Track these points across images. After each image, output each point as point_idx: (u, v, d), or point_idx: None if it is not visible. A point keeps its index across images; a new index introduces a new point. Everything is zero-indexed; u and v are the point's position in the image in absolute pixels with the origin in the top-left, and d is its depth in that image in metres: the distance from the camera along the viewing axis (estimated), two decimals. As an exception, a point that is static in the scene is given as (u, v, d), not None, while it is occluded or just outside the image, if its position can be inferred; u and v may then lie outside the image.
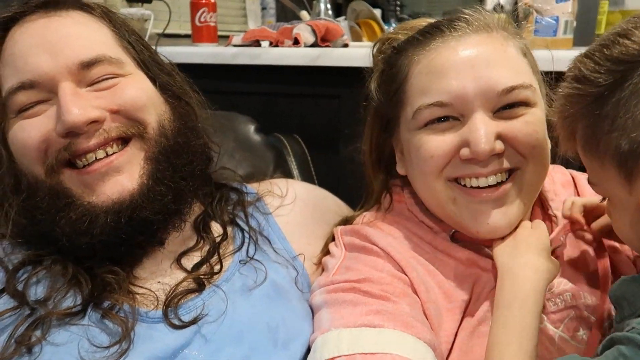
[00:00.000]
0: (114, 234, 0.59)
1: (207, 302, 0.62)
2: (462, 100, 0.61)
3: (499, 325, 0.58)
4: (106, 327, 0.56)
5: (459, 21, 0.65)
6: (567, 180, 0.77)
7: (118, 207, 0.59)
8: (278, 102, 1.31)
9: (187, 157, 0.67)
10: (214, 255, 0.67)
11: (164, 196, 0.62)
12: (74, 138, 0.59)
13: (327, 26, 1.26)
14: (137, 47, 0.69)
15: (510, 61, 0.63)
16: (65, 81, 0.60)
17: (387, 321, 0.58)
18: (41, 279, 0.60)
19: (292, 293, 0.68)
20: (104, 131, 0.61)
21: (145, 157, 0.63)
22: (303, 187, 0.88)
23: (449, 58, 0.63)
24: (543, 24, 1.08)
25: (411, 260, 0.67)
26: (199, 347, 0.58)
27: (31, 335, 0.54)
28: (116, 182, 0.60)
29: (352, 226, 0.74)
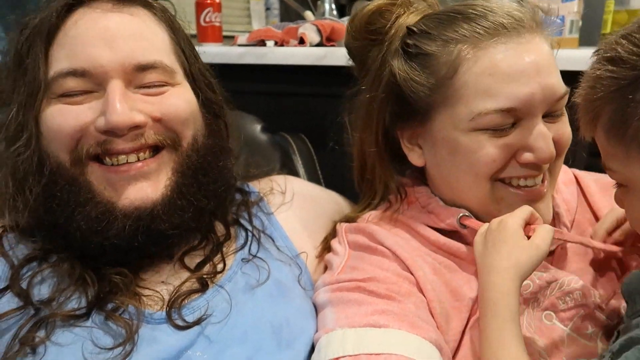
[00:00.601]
0: (127, 240, 0.58)
1: (210, 302, 0.62)
2: (529, 106, 0.61)
3: (481, 334, 0.58)
4: (110, 329, 0.56)
5: (514, 19, 0.61)
6: (569, 179, 0.77)
7: (138, 214, 0.59)
8: (284, 101, 1.31)
9: (213, 176, 0.66)
10: (217, 254, 0.67)
11: (184, 211, 0.62)
12: (112, 137, 0.59)
13: (333, 26, 1.27)
14: (189, 57, 0.69)
15: (556, 65, 0.64)
16: (117, 79, 0.59)
17: (393, 321, 0.58)
18: (46, 277, 0.59)
19: (296, 291, 0.68)
20: (142, 137, 0.60)
21: (173, 169, 0.63)
22: (300, 183, 0.89)
23: (517, 62, 0.60)
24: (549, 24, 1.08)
25: (417, 259, 0.66)
26: (203, 347, 0.58)
27: (35, 336, 0.53)
28: (141, 188, 0.60)
29: (357, 224, 0.73)
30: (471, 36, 0.62)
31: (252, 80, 1.31)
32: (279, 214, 0.77)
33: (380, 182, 0.75)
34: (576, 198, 0.74)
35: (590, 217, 0.74)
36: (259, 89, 1.32)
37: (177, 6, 1.90)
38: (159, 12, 0.67)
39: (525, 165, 0.63)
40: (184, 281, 0.62)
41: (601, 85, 0.49)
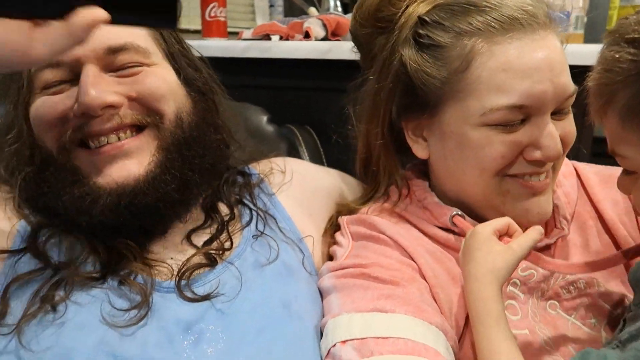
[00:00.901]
0: (113, 216, 0.59)
1: (221, 277, 0.63)
2: (540, 103, 0.61)
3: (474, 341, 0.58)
4: (125, 293, 0.57)
5: (528, 14, 0.61)
6: (569, 171, 0.77)
7: (121, 191, 0.60)
8: (288, 95, 1.32)
9: (199, 150, 0.67)
10: (222, 233, 0.68)
11: (167, 184, 0.62)
12: (89, 120, 0.60)
13: (338, 20, 1.27)
14: (168, 39, 0.70)
15: (567, 63, 0.64)
16: (90, 64, 0.61)
17: (399, 305, 0.59)
18: (59, 243, 0.61)
19: (301, 274, 0.69)
20: (119, 117, 0.61)
21: (157, 146, 0.63)
22: (299, 162, 0.90)
23: (531, 58, 0.60)
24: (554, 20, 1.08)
25: (418, 248, 0.67)
26: (214, 321, 0.58)
27: (55, 294, 0.55)
28: (124, 166, 0.61)
29: (357, 215, 0.74)
30: (486, 30, 0.61)
31: (257, 75, 1.31)
32: (280, 194, 0.78)
33: (385, 174, 0.75)
34: (576, 190, 0.75)
35: (590, 209, 0.74)
36: (264, 83, 1.32)
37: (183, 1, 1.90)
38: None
39: (532, 163, 0.64)
40: (191, 256, 0.63)
41: (620, 68, 0.47)
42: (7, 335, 0.51)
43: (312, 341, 0.62)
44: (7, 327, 0.52)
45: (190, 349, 0.55)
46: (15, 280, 0.56)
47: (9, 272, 0.57)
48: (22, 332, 0.51)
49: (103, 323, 0.54)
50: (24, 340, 0.51)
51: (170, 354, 0.54)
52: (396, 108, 0.70)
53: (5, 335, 0.51)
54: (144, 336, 0.54)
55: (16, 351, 0.51)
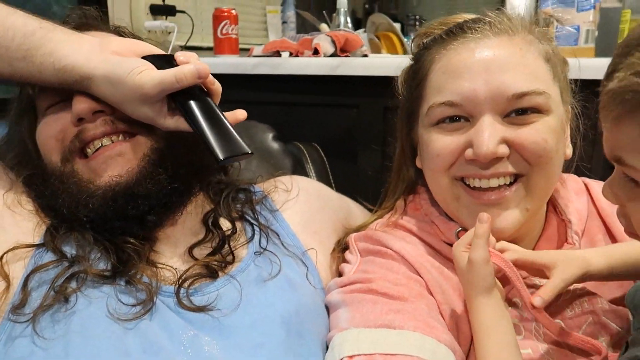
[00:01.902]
0: (110, 206, 0.61)
1: (221, 291, 0.63)
2: (472, 102, 0.62)
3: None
4: (131, 291, 0.59)
5: (481, 23, 0.65)
6: (580, 188, 0.76)
7: (115, 184, 0.62)
8: (297, 111, 1.32)
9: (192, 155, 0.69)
10: (223, 247, 0.68)
11: (160, 175, 0.64)
12: (83, 123, 0.63)
13: (347, 37, 1.28)
14: None
15: (527, 66, 0.63)
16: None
17: (408, 321, 0.58)
18: (73, 241, 0.63)
19: (305, 288, 0.69)
20: (110, 121, 0.64)
21: (150, 147, 0.65)
22: (305, 180, 0.90)
23: (466, 60, 0.63)
24: (564, 34, 1.07)
25: (425, 263, 0.67)
26: (212, 334, 0.59)
27: (68, 286, 0.57)
28: (117, 163, 0.63)
29: (365, 232, 0.75)
30: (445, 40, 0.66)
31: (267, 91, 1.32)
32: (284, 210, 0.78)
33: (397, 186, 0.79)
34: (587, 207, 0.74)
35: (600, 224, 0.73)
36: (273, 99, 1.33)
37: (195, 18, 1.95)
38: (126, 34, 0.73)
39: (471, 162, 0.63)
40: (192, 265, 0.64)
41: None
42: (23, 323, 0.54)
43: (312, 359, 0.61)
44: (24, 315, 0.54)
45: (188, 342, 0.57)
46: (34, 271, 0.58)
47: (34, 263, 0.59)
48: (37, 321, 0.54)
49: (109, 316, 0.56)
50: (38, 328, 0.53)
51: (169, 344, 0.56)
52: (406, 125, 0.75)
53: (22, 323, 0.54)
54: (145, 329, 0.56)
55: (31, 337, 0.53)
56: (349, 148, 1.28)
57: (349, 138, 1.28)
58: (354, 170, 1.28)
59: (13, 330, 0.54)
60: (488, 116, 0.62)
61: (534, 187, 0.64)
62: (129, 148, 0.64)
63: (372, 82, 1.20)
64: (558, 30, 1.06)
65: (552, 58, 0.66)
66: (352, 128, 1.28)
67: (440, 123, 0.65)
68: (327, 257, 0.77)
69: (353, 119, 1.27)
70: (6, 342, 0.54)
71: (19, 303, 0.55)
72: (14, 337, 0.53)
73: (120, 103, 0.61)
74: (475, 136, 0.62)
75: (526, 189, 0.64)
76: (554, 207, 0.74)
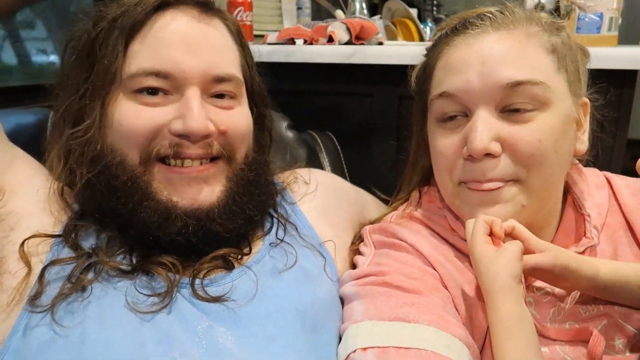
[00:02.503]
0: (186, 238, 0.60)
1: (236, 282, 0.63)
2: (466, 93, 0.62)
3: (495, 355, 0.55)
4: (151, 282, 0.59)
5: (483, 19, 0.64)
6: (601, 182, 0.75)
7: (198, 214, 0.61)
8: (311, 100, 1.31)
9: (262, 189, 0.69)
10: (243, 239, 0.68)
11: (237, 217, 0.64)
12: (186, 140, 0.61)
13: (362, 24, 1.26)
14: (252, 73, 0.72)
15: (525, 58, 0.61)
16: (196, 86, 0.62)
17: (422, 315, 0.58)
18: (95, 235, 0.62)
19: (322, 279, 0.69)
20: (209, 146, 0.63)
21: (227, 178, 0.65)
22: (323, 174, 0.90)
23: (463, 55, 0.64)
24: (586, 21, 1.04)
25: (439, 257, 0.66)
26: (227, 324, 0.59)
27: (85, 277, 0.57)
28: (200, 189, 0.62)
29: (379, 225, 0.75)
30: (449, 36, 0.67)
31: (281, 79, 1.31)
32: (302, 204, 0.78)
33: (412, 178, 0.79)
34: (607, 202, 0.72)
35: (621, 220, 0.71)
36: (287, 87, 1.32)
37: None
38: (233, 26, 0.70)
39: (469, 162, 0.63)
40: (209, 256, 0.64)
41: None
42: (41, 313, 0.54)
43: (326, 351, 0.61)
44: (41, 307, 0.54)
45: (203, 333, 0.57)
46: (52, 263, 0.58)
47: (52, 256, 0.59)
48: (55, 310, 0.54)
49: (126, 307, 0.56)
50: (57, 317, 0.54)
51: (183, 335, 0.56)
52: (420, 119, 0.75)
53: (40, 313, 0.54)
54: (161, 320, 0.56)
55: (50, 325, 0.53)
56: (363, 137, 1.27)
57: (363, 127, 1.27)
58: (368, 159, 1.27)
59: (31, 320, 0.55)
60: (483, 110, 0.61)
61: (530, 187, 0.63)
62: (212, 174, 0.64)
63: (387, 71, 1.18)
64: (580, 19, 1.03)
65: (559, 49, 0.64)
66: (367, 117, 1.27)
67: (442, 122, 0.66)
68: (344, 250, 0.76)
69: (367, 107, 1.26)
70: (25, 331, 0.54)
71: (35, 294, 0.56)
72: (33, 326, 0.54)
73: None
74: (469, 131, 0.61)
75: (521, 187, 0.63)
76: (573, 202, 0.72)
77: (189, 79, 0.62)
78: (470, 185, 0.64)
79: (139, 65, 0.61)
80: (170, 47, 0.62)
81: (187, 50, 0.62)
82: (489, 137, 0.60)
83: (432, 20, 2.61)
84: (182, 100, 0.62)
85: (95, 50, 0.63)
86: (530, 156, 0.61)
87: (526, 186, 0.62)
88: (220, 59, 0.65)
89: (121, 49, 0.61)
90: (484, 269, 0.58)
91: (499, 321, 0.55)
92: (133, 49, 0.62)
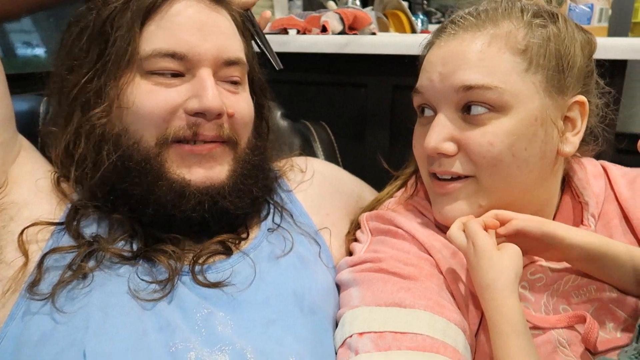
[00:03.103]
0: (200, 214, 0.62)
1: (234, 267, 0.64)
2: (429, 91, 0.66)
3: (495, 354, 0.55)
4: (153, 269, 0.60)
5: (457, 20, 0.66)
6: (598, 172, 0.76)
7: (210, 191, 0.62)
8: (305, 90, 1.31)
9: (265, 172, 0.72)
10: (240, 225, 0.69)
11: (245, 195, 0.66)
12: (202, 119, 0.62)
13: (355, 14, 1.26)
14: (252, 62, 0.74)
15: (484, 60, 0.61)
16: (208, 67, 0.64)
17: (418, 300, 0.59)
18: (97, 221, 0.63)
19: (318, 266, 0.69)
20: (221, 128, 0.64)
21: (233, 158, 0.67)
22: (321, 163, 0.91)
23: (433, 55, 0.67)
24: (577, 12, 1.05)
25: (436, 243, 0.67)
26: (226, 309, 0.59)
27: (87, 264, 0.57)
28: (211, 167, 0.64)
29: (376, 212, 0.76)
30: (431, 39, 0.70)
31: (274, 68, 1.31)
32: (298, 192, 0.79)
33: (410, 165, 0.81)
34: (604, 191, 0.74)
35: (616, 208, 0.73)
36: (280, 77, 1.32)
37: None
38: (238, 18, 0.73)
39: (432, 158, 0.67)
40: (208, 242, 0.65)
41: None
42: (41, 300, 0.54)
43: (324, 335, 0.62)
44: (41, 295, 0.54)
45: (202, 321, 0.57)
46: (52, 251, 0.58)
47: (52, 244, 0.59)
48: (56, 297, 0.54)
49: (129, 293, 0.56)
50: (58, 304, 0.54)
51: (183, 323, 0.56)
52: None
53: (40, 300, 0.54)
54: (163, 308, 0.57)
55: (50, 313, 0.53)
56: (357, 127, 1.28)
57: (357, 117, 1.28)
58: (362, 149, 1.28)
59: (31, 307, 0.54)
60: (444, 109, 0.65)
61: (485, 187, 0.64)
62: (220, 153, 0.65)
63: (381, 61, 1.18)
64: (571, 9, 1.05)
65: (534, 47, 0.62)
66: (360, 107, 1.27)
67: (419, 116, 0.70)
68: (339, 238, 0.77)
69: (361, 97, 1.26)
70: (23, 318, 0.54)
71: (33, 280, 0.55)
72: (33, 313, 0.54)
73: None
74: (429, 131, 0.65)
75: (476, 187, 0.65)
76: (570, 190, 0.73)
77: (202, 61, 0.63)
78: (434, 179, 0.68)
79: (155, 46, 0.62)
80: (186, 30, 0.63)
81: (201, 34, 0.64)
82: (441, 137, 0.64)
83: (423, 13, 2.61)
84: (195, 80, 0.63)
85: (107, 30, 0.63)
86: (481, 158, 0.62)
87: (482, 187, 0.65)
88: (230, 43, 0.67)
89: (137, 30, 0.62)
90: (486, 264, 0.57)
91: (503, 317, 0.54)
92: (149, 30, 0.63)
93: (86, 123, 0.62)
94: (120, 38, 0.62)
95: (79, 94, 0.63)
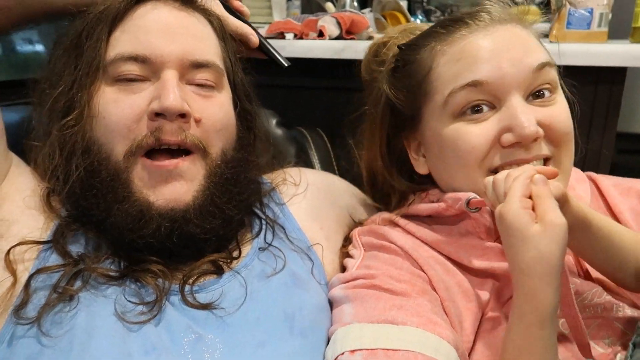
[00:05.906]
0: (161, 240, 0.59)
1: (225, 287, 0.62)
2: (498, 78, 0.61)
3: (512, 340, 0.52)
4: (141, 290, 0.59)
5: (482, 13, 0.65)
6: (580, 177, 0.77)
7: (172, 215, 0.59)
8: (302, 95, 1.30)
9: (242, 187, 0.67)
10: (232, 242, 0.68)
11: (215, 218, 0.62)
12: (163, 119, 0.60)
13: (352, 18, 1.25)
14: (234, 66, 0.72)
15: (538, 44, 0.65)
16: (173, 69, 0.62)
17: (411, 317, 0.58)
18: (84, 240, 0.62)
19: (310, 283, 0.68)
20: (184, 133, 0.61)
21: (204, 175, 0.63)
22: (314, 174, 0.89)
23: (482, 44, 0.63)
24: (576, 17, 1.04)
25: (429, 260, 0.66)
26: (215, 331, 0.58)
27: (73, 285, 0.56)
28: (175, 187, 0.61)
29: (369, 226, 0.75)
30: (444, 33, 0.66)
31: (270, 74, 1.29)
32: (291, 205, 0.78)
33: (395, 192, 0.77)
34: (589, 195, 0.73)
35: (605, 213, 0.72)
36: (277, 82, 1.31)
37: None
38: (215, 21, 0.71)
39: (511, 147, 0.62)
40: (199, 262, 0.63)
41: None
42: (27, 325, 0.53)
43: (313, 357, 0.61)
44: (27, 319, 0.53)
45: (189, 347, 0.56)
46: (39, 271, 0.57)
47: (39, 264, 0.58)
48: (42, 321, 0.53)
49: (115, 315, 0.55)
50: (44, 328, 0.53)
51: (171, 346, 0.55)
52: (391, 130, 0.74)
53: (26, 325, 0.53)
54: (148, 330, 0.56)
55: (36, 337, 0.52)
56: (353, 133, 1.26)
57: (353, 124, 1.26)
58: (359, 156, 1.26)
59: (17, 331, 0.54)
60: (516, 96, 0.62)
61: (564, 170, 0.64)
62: (187, 168, 0.62)
63: (378, 66, 1.17)
64: (571, 14, 1.03)
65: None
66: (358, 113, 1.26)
67: (463, 115, 0.64)
68: (333, 253, 0.76)
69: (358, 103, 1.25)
70: (10, 343, 0.53)
71: (20, 303, 0.54)
72: (19, 337, 0.53)
73: None
74: (512, 119, 0.61)
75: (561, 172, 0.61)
76: None
77: (166, 63, 0.61)
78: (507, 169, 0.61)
79: (118, 50, 0.61)
80: (150, 33, 0.62)
81: (166, 36, 0.62)
82: (533, 119, 0.61)
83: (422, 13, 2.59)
84: (159, 82, 0.61)
85: (82, 43, 0.63)
86: (565, 134, 0.63)
87: (562, 168, 0.63)
88: (199, 46, 0.65)
89: (104, 38, 0.62)
90: (521, 245, 0.49)
91: (532, 307, 0.49)
92: (114, 38, 0.62)
93: (59, 132, 0.62)
94: (89, 48, 0.62)
95: (55, 105, 0.63)
